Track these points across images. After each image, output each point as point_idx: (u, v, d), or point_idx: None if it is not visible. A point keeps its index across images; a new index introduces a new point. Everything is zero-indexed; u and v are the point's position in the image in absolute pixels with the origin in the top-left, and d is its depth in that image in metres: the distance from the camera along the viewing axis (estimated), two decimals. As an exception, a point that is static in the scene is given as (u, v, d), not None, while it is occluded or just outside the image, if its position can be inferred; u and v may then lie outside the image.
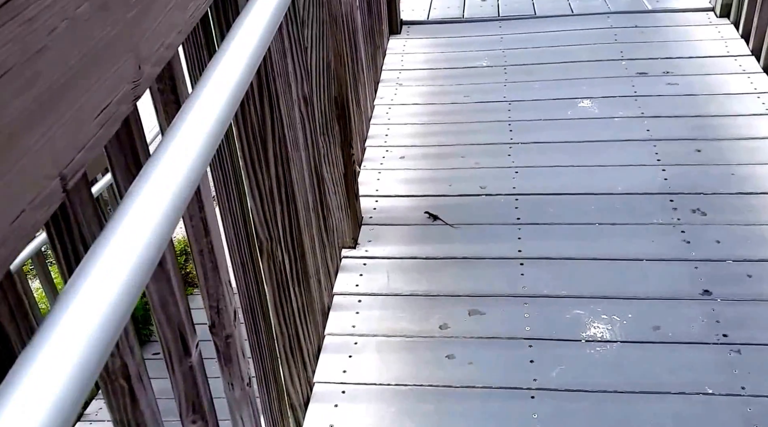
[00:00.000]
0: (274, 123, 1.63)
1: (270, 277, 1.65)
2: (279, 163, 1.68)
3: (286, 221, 1.76)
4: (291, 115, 1.82)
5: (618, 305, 2.09)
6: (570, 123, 3.03)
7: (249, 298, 1.54)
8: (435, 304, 2.18)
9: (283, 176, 1.71)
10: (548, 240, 2.39)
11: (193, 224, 1.16)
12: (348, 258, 2.42)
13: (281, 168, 1.69)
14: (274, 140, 1.64)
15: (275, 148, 1.65)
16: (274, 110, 1.62)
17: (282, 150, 1.68)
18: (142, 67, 0.92)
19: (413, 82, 3.48)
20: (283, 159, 1.69)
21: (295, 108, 1.85)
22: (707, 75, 3.25)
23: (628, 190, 2.58)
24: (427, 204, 2.64)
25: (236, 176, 1.41)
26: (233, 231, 1.43)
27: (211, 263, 1.21)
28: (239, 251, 1.47)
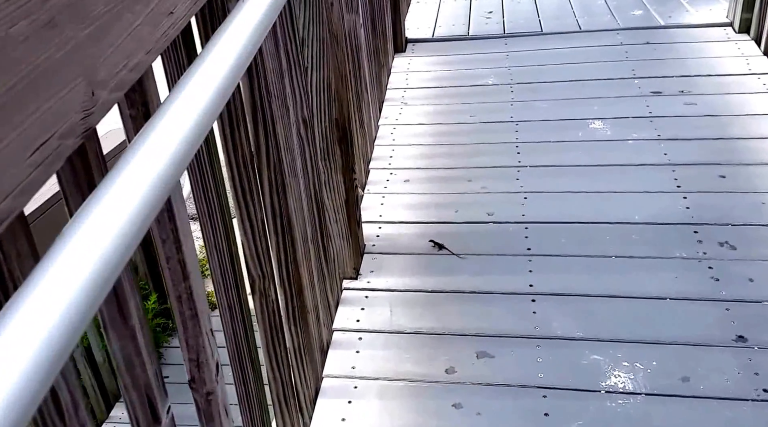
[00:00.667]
0: (270, 148, 1.47)
1: (263, 317, 1.49)
2: (274, 192, 1.52)
3: (281, 255, 1.60)
4: (289, 140, 1.66)
5: (641, 350, 1.92)
6: (581, 145, 2.87)
7: (236, 344, 1.38)
8: (441, 344, 2.02)
9: (279, 206, 1.55)
10: (561, 273, 2.22)
11: (169, 266, 1.00)
12: (349, 290, 2.25)
13: (277, 197, 1.53)
14: (270, 167, 1.48)
15: (270, 176, 1.50)
16: (269, 135, 1.46)
17: (278, 177, 1.53)
18: (96, 92, 0.77)
19: (418, 101, 3.33)
20: (279, 187, 1.53)
21: (293, 131, 1.69)
22: (728, 94, 3.09)
23: (647, 219, 2.41)
24: (432, 231, 2.47)
25: (222, 208, 1.24)
26: (219, 270, 1.27)
27: (191, 310, 1.05)
28: (226, 292, 1.30)
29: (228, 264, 1.24)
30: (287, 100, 1.62)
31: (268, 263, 1.45)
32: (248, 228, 1.37)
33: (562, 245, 2.34)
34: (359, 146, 2.64)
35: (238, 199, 1.31)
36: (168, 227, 0.94)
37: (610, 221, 2.43)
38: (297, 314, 1.71)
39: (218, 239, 1.19)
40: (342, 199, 2.12)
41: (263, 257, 1.42)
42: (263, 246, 1.42)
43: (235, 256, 1.25)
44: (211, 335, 1.09)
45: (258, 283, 1.43)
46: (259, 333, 1.50)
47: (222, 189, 1.17)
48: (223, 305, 1.27)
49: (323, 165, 2.05)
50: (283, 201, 1.56)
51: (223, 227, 1.20)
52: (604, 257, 2.27)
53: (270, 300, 1.47)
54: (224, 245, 1.21)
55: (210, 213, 1.16)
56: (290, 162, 1.68)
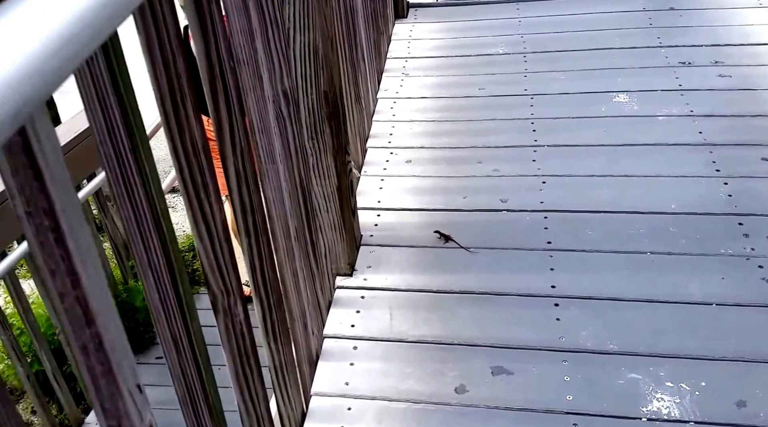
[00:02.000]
0: (235, 129, 1.14)
1: (229, 341, 1.16)
2: (243, 184, 1.19)
3: (256, 260, 1.27)
4: (264, 117, 1.32)
5: (686, 367, 1.60)
6: (605, 122, 2.53)
7: (187, 386, 1.05)
8: (449, 356, 1.70)
9: (250, 200, 1.22)
10: (588, 273, 1.90)
11: (65, 306, 0.66)
12: (343, 289, 1.93)
13: (247, 189, 1.20)
14: (235, 153, 1.15)
15: (238, 164, 1.16)
16: (233, 111, 1.12)
17: (247, 165, 1.19)
18: None
19: (421, 72, 2.97)
20: (248, 178, 1.20)
21: (269, 107, 1.35)
22: (764, 66, 2.74)
23: (684, 208, 2.08)
24: (437, 220, 2.14)
25: (156, 212, 0.90)
26: (158, 295, 0.94)
27: (102, 364, 0.72)
28: (168, 321, 0.97)
29: (168, 285, 0.91)
30: (260, 68, 1.28)
31: (233, 274, 1.12)
32: (204, 233, 1.04)
33: (587, 238, 2.02)
34: (354, 123, 2.30)
35: (189, 197, 0.97)
36: (56, 251, 0.61)
37: (643, 210, 2.10)
38: (278, 328, 1.39)
39: (152, 255, 0.86)
40: (333, 185, 1.79)
41: (226, 267, 1.09)
42: (225, 254, 1.09)
43: (180, 273, 0.92)
44: (137, 393, 0.76)
45: (221, 300, 1.11)
46: (226, 360, 1.18)
47: (156, 186, 0.83)
48: (166, 337, 0.94)
49: (310, 146, 1.71)
50: (255, 194, 1.23)
51: (157, 236, 0.86)
52: (637, 254, 1.94)
53: (237, 320, 1.15)
54: (160, 261, 0.88)
55: (138, 220, 0.83)
56: (266, 144, 1.34)
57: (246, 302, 1.17)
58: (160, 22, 0.87)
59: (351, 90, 2.23)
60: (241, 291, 1.15)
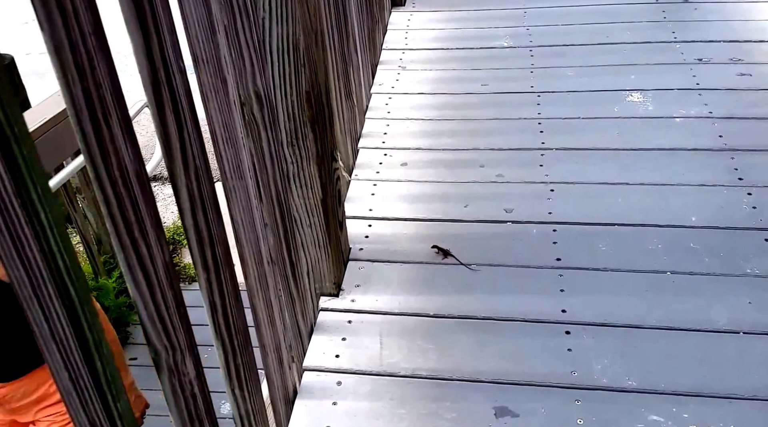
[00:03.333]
0: (187, 144, 0.92)
1: (177, 404, 0.95)
2: (198, 211, 0.97)
3: (216, 298, 1.06)
4: (227, 125, 1.10)
5: (713, 407, 1.40)
6: (618, 123, 2.31)
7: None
8: (447, 393, 1.49)
9: (208, 229, 1.00)
10: (602, 294, 1.69)
11: None
12: (328, 311, 1.72)
13: (203, 215, 0.98)
14: (188, 173, 0.93)
15: (191, 186, 0.95)
16: (184, 122, 0.91)
17: (204, 187, 0.98)
18: None
19: (419, 65, 2.75)
20: (205, 202, 0.98)
21: (234, 113, 1.13)
22: (787, 65, 2.52)
23: (706, 222, 1.87)
24: (434, 232, 1.93)
25: (54, 269, 0.67)
26: (69, 373, 0.71)
27: None
28: (85, 406, 0.74)
29: (80, 362, 0.69)
30: (224, 68, 1.06)
31: (180, 326, 0.90)
32: (141, 280, 0.83)
33: (600, 254, 1.80)
34: (344, 121, 2.08)
35: (119, 236, 0.76)
36: None
37: (660, 222, 1.88)
38: (245, 373, 1.18)
39: (55, 325, 0.64)
40: (317, 196, 1.57)
41: (170, 318, 0.88)
42: (170, 302, 0.88)
43: (97, 345, 0.70)
44: None
45: (165, 357, 0.89)
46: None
47: (59, 232, 0.61)
48: (83, 425, 0.73)
49: (290, 153, 1.49)
50: (214, 218, 1.01)
51: (60, 302, 0.64)
52: (656, 273, 1.73)
53: (186, 380, 0.93)
54: (66, 332, 0.66)
55: (33, 282, 0.61)
56: (232, 158, 1.13)
57: (197, 358, 0.95)
58: (70, 16, 0.65)
59: (341, 84, 2.01)
60: (191, 343, 0.94)
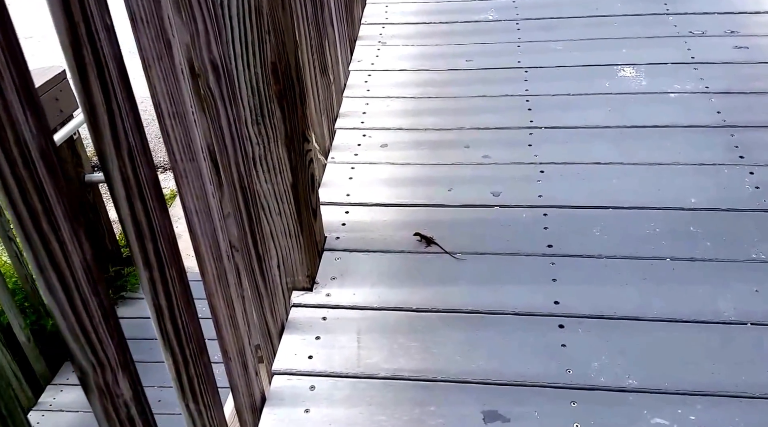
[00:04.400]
0: (117, 118, 0.76)
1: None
2: (135, 198, 0.82)
3: (161, 300, 0.91)
4: (174, 97, 0.94)
5: (723, 408, 1.27)
6: (609, 99, 2.16)
7: None
8: (432, 397, 1.35)
9: (148, 220, 0.85)
10: (597, 284, 1.55)
11: None
12: (300, 307, 1.57)
13: (140, 205, 0.83)
14: (120, 153, 0.78)
15: (124, 169, 0.79)
16: (113, 92, 0.75)
17: (142, 170, 0.82)
18: None
19: (400, 40, 2.58)
20: (144, 188, 0.83)
21: (182, 82, 0.97)
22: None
23: (707, 203, 1.74)
24: (417, 218, 1.78)
25: None
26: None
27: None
28: None
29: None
30: (168, 30, 0.90)
31: (110, 339, 0.75)
32: (56, 284, 0.67)
33: (594, 239, 1.66)
34: (319, 99, 1.92)
35: (25, 231, 0.61)
36: None
37: (658, 205, 1.75)
38: (200, 385, 1.03)
39: None
40: (287, 181, 1.41)
41: (96, 331, 0.73)
42: (93, 309, 0.72)
43: None
44: None
45: (93, 376, 0.74)
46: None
47: None
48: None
49: (255, 133, 1.33)
50: (155, 207, 0.85)
51: None
52: (655, 260, 1.59)
53: (121, 402, 0.78)
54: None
55: None
56: (181, 135, 0.97)
57: (134, 375, 0.80)
58: None
59: (315, 59, 1.84)
60: (125, 359, 0.78)
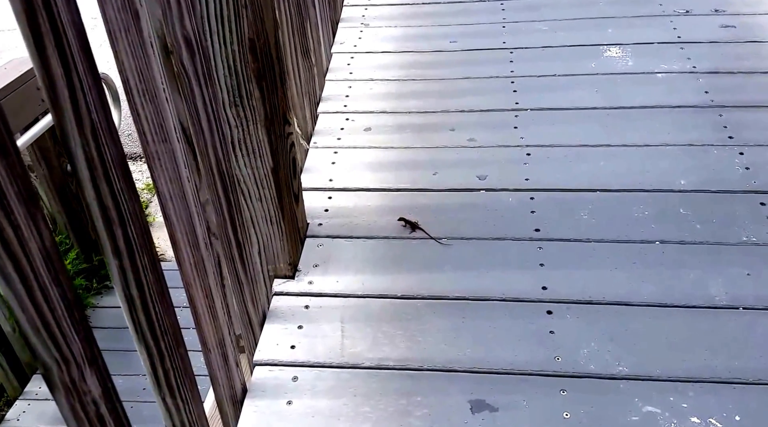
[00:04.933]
0: (79, 92, 0.71)
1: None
2: (101, 181, 0.76)
3: (132, 290, 0.85)
4: (144, 73, 0.88)
5: (715, 394, 1.24)
6: (596, 80, 2.12)
7: None
8: (417, 386, 1.31)
9: (115, 204, 0.79)
10: (585, 268, 1.51)
11: None
12: (282, 295, 1.52)
13: (107, 188, 0.77)
14: (83, 130, 0.72)
15: (87, 148, 0.73)
16: (74, 61, 0.69)
17: (109, 150, 0.76)
18: None
19: (384, 21, 2.52)
20: (111, 169, 0.77)
21: (152, 57, 0.91)
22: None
23: (696, 185, 1.70)
24: (401, 203, 1.73)
25: None
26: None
27: None
28: None
29: None
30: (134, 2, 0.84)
31: (75, 333, 0.70)
32: (12, 274, 0.62)
33: (582, 223, 1.63)
34: (301, 82, 1.86)
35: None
36: None
37: (647, 187, 1.71)
38: (176, 379, 0.98)
39: None
40: (268, 166, 1.36)
41: (59, 324, 0.68)
42: (55, 301, 0.67)
43: None
44: None
45: (58, 373, 0.69)
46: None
47: None
48: None
49: (233, 115, 1.27)
50: (123, 189, 0.80)
51: None
52: (644, 243, 1.56)
53: (89, 399, 0.73)
54: None
55: None
56: (152, 115, 0.91)
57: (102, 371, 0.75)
58: None
59: (296, 41, 1.78)
60: (92, 354, 0.73)
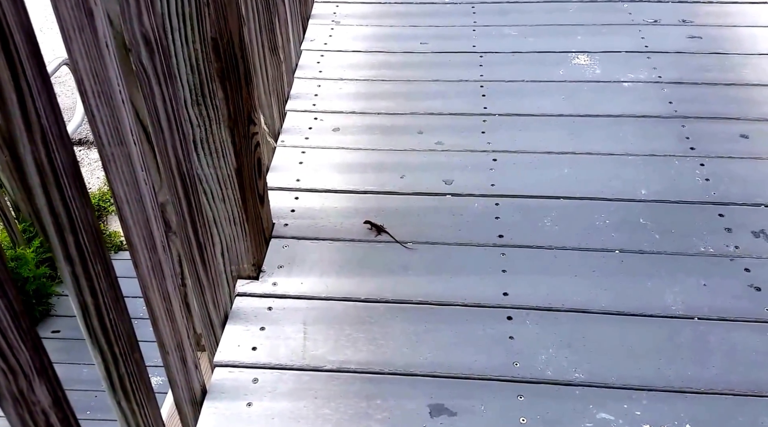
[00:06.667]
0: (27, 95, 0.72)
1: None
2: (51, 186, 0.77)
3: (86, 296, 0.86)
4: (99, 74, 0.88)
5: (667, 403, 1.29)
6: (563, 87, 2.16)
7: None
8: (378, 390, 1.33)
9: (66, 211, 0.79)
10: (546, 275, 1.55)
11: None
12: (245, 296, 1.52)
13: (57, 194, 0.78)
14: (32, 136, 0.73)
15: (37, 154, 0.74)
16: (22, 65, 0.70)
17: (59, 154, 0.77)
18: None
19: (355, 20, 2.53)
20: (61, 174, 0.78)
21: (108, 59, 0.91)
22: (736, 27, 2.42)
23: (657, 195, 1.75)
24: (368, 206, 1.75)
25: None
26: None
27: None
28: None
29: None
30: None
31: (23, 342, 0.70)
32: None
33: (545, 230, 1.66)
34: (269, 80, 1.86)
35: None
36: None
37: (609, 196, 1.75)
38: (131, 383, 0.98)
39: None
40: (231, 166, 1.36)
41: (4, 334, 0.68)
42: (4, 312, 0.67)
43: None
44: None
45: (4, 384, 0.69)
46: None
47: None
48: None
49: (196, 114, 1.28)
50: (74, 196, 0.80)
51: None
52: (604, 252, 1.60)
53: (38, 410, 0.74)
54: None
55: None
56: (107, 117, 0.91)
57: (52, 380, 0.75)
58: None
59: (264, 38, 1.78)
60: (42, 364, 0.74)
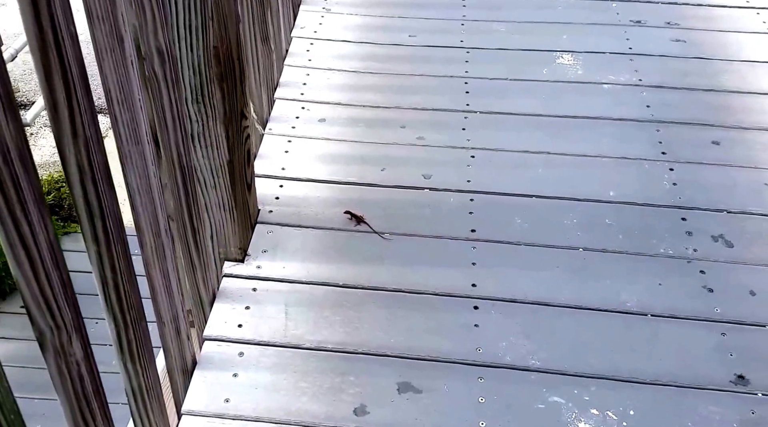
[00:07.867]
0: (76, 112, 0.90)
1: (63, 387, 0.96)
2: (88, 183, 0.96)
3: (107, 272, 1.06)
4: (124, 87, 1.08)
5: (615, 391, 1.50)
6: (545, 87, 2.36)
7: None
8: (352, 368, 1.54)
9: (98, 202, 0.99)
10: (513, 269, 1.76)
11: None
12: (232, 277, 1.72)
13: (92, 188, 0.97)
14: (77, 143, 0.92)
15: (80, 158, 0.93)
16: (74, 90, 0.89)
17: (96, 159, 0.96)
18: None
19: (345, 8, 2.70)
20: (96, 173, 0.97)
21: (131, 73, 1.10)
22: (721, 32, 2.62)
23: (623, 197, 1.96)
24: (349, 196, 1.95)
25: None
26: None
27: None
28: None
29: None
30: (121, 26, 1.03)
31: (67, 306, 0.90)
32: (24, 260, 0.83)
33: (516, 227, 1.87)
34: (260, 69, 2.04)
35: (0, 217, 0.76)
36: None
37: (579, 196, 1.96)
38: (137, 347, 1.19)
39: None
40: (224, 157, 1.56)
41: (55, 299, 0.88)
42: (54, 282, 0.87)
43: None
44: None
45: (50, 338, 0.89)
46: (62, 407, 0.98)
47: None
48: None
49: (195, 111, 1.47)
50: (105, 190, 1.00)
51: None
52: (569, 249, 1.81)
53: (73, 361, 0.94)
54: None
55: None
56: (128, 121, 1.10)
57: (85, 338, 0.95)
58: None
59: (256, 30, 1.96)
60: (79, 323, 0.94)
